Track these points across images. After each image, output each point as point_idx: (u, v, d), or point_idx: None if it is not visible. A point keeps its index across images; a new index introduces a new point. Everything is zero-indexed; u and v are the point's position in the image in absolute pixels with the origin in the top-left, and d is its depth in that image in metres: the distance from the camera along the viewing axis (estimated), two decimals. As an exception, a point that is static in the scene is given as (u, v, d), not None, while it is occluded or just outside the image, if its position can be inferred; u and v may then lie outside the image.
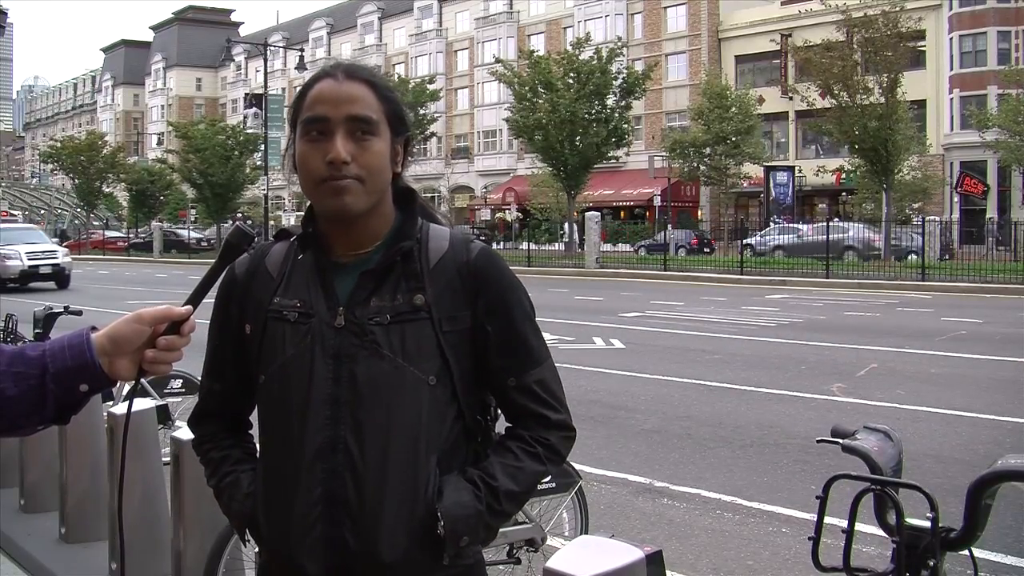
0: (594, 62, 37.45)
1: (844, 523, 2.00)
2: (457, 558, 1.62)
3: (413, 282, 1.63)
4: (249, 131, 51.22)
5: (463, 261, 1.66)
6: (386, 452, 1.59)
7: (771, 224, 39.11)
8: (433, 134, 58.67)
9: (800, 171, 46.09)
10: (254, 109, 53.30)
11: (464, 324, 1.64)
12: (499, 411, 1.77)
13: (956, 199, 42.18)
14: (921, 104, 43.17)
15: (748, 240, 31.74)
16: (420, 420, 1.60)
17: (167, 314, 1.49)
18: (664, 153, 44.39)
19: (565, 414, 1.71)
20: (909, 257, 29.48)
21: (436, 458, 1.62)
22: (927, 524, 1.93)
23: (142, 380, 1.53)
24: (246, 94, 64.36)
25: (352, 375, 1.60)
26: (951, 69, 44.31)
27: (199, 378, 1.86)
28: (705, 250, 38.87)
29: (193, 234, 54.23)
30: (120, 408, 4.31)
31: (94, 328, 1.50)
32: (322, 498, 1.59)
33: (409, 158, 1.73)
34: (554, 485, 4.00)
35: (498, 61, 42.21)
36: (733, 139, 41.86)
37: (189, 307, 1.53)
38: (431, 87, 49.48)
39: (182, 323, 1.51)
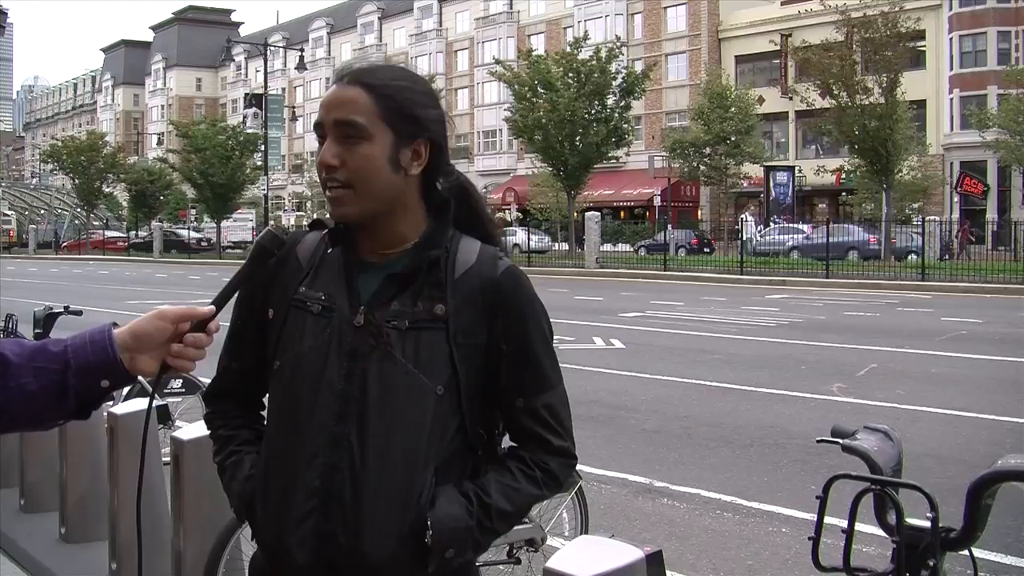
0: (593, 62, 37.43)
1: (844, 523, 2.00)
2: (442, 567, 1.61)
3: (435, 291, 1.64)
4: (249, 131, 51.22)
5: (488, 278, 1.66)
6: (386, 454, 1.60)
7: (771, 224, 39.13)
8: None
9: (800, 171, 46.12)
10: (254, 109, 53.32)
11: (480, 340, 1.65)
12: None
13: (956, 199, 42.20)
14: (921, 104, 43.17)
15: (747, 237, 31.82)
16: (424, 427, 1.61)
17: (190, 313, 1.52)
18: (664, 153, 44.40)
19: (568, 442, 1.71)
20: (909, 257, 29.51)
21: (434, 467, 1.62)
22: (927, 524, 1.93)
23: (142, 380, 1.54)
24: (246, 94, 64.31)
25: (364, 375, 1.62)
26: (951, 69, 44.34)
27: (199, 378, 1.86)
28: (705, 250, 38.90)
29: (194, 234, 54.26)
30: (120, 408, 4.30)
31: (116, 324, 1.51)
32: (319, 491, 1.61)
33: (446, 161, 1.71)
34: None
35: (498, 62, 42.19)
36: (733, 139, 41.86)
37: (213, 307, 1.55)
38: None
39: (207, 323, 1.53)
